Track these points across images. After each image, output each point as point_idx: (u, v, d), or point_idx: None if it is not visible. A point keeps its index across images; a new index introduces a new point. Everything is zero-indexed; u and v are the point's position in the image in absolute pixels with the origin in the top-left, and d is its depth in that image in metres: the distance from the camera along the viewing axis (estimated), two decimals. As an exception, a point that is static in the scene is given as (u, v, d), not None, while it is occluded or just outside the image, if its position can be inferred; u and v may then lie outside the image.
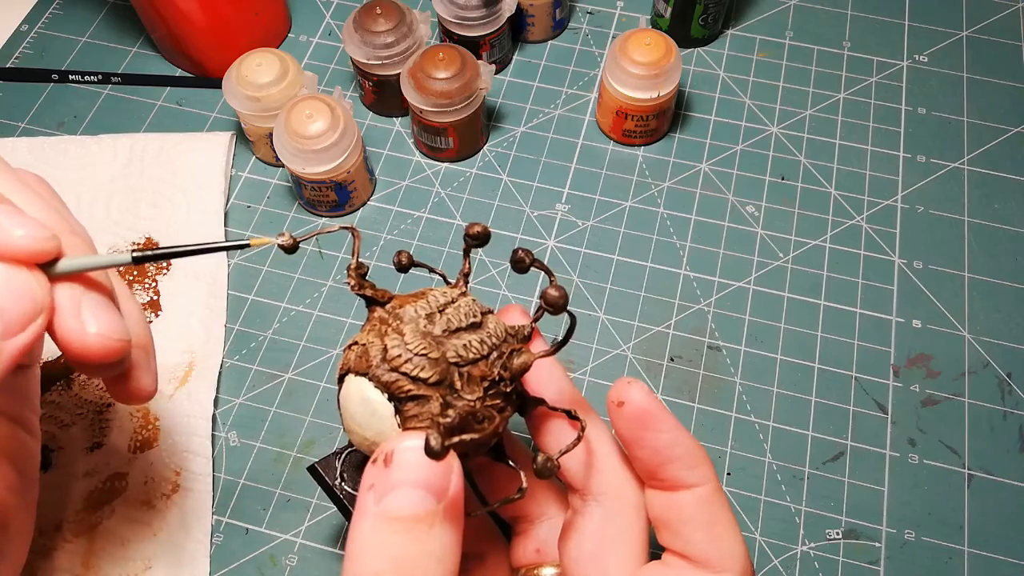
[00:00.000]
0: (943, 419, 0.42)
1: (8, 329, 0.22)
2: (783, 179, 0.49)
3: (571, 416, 0.27)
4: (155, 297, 0.45)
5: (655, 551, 0.28)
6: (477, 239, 0.28)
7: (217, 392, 0.42)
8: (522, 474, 0.26)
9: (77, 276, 0.24)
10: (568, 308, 0.25)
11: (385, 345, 0.25)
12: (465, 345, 0.25)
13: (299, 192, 0.47)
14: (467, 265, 0.29)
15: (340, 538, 0.39)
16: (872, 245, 0.47)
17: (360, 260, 0.28)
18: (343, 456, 0.34)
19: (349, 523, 0.31)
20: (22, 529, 0.29)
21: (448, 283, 0.29)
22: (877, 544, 0.39)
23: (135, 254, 0.25)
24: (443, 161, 0.50)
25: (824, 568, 0.38)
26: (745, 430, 0.42)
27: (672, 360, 0.44)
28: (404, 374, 0.24)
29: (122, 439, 0.41)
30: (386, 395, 0.24)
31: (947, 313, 0.45)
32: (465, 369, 0.25)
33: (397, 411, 0.25)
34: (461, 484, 0.24)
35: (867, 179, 0.49)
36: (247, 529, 0.39)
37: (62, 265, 0.24)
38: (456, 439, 0.23)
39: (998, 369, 0.43)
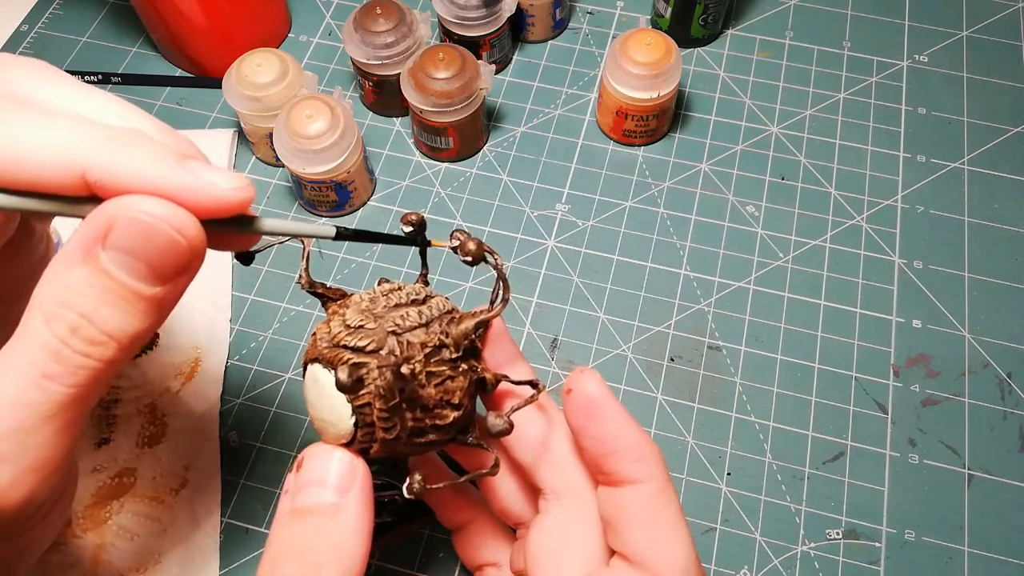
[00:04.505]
0: (943, 419, 0.42)
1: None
2: (783, 179, 0.49)
3: (533, 387, 0.27)
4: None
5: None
6: (413, 226, 0.29)
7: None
8: (495, 452, 0.27)
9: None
10: (498, 266, 0.26)
11: (330, 328, 0.26)
12: (403, 315, 0.26)
13: (299, 192, 0.47)
14: (425, 267, 0.30)
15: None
16: (872, 245, 0.47)
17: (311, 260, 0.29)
18: None
19: None
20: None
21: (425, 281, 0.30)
22: (877, 544, 0.39)
23: (339, 228, 0.27)
24: (443, 161, 0.50)
25: (824, 568, 0.38)
26: (745, 430, 0.42)
27: (672, 360, 0.44)
28: (344, 347, 0.25)
29: (129, 435, 0.41)
30: (331, 371, 0.25)
31: (947, 313, 0.45)
32: (404, 337, 0.25)
33: None
34: (367, 484, 0.25)
35: (867, 179, 0.49)
36: (247, 529, 0.39)
37: (269, 225, 0.26)
38: (395, 394, 0.24)
39: (998, 369, 0.43)
